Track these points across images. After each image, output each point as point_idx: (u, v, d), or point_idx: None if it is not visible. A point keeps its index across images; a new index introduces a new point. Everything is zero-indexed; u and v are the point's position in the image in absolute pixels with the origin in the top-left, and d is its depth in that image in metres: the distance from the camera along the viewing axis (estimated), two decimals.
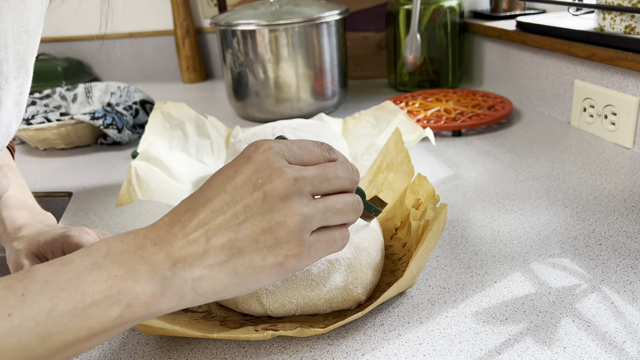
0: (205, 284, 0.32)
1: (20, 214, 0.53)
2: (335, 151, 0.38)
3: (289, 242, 0.33)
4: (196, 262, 0.32)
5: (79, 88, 1.13)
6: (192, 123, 0.84)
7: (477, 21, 1.11)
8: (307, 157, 0.36)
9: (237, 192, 0.33)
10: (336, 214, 0.35)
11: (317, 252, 0.35)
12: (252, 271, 0.33)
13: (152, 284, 0.31)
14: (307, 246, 0.33)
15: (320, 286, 0.43)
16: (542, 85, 0.93)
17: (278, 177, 0.33)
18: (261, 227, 0.32)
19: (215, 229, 0.32)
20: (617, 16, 0.74)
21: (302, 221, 0.33)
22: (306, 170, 0.34)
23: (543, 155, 0.75)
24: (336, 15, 0.96)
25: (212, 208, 0.33)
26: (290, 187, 0.33)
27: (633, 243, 0.52)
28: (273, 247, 0.32)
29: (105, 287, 0.30)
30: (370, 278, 0.45)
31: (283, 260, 0.33)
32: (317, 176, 0.35)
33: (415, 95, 1.02)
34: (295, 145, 0.36)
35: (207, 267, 0.32)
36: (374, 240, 0.47)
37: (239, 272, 0.33)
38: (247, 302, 0.44)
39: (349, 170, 0.37)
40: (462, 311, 0.44)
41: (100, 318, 0.29)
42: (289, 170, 0.34)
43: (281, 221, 0.32)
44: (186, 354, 0.42)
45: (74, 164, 0.89)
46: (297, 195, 0.33)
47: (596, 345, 0.39)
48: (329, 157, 0.37)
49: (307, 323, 0.43)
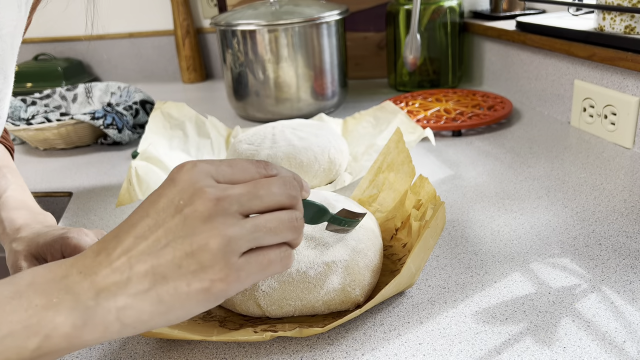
0: (130, 314, 0.30)
1: (19, 215, 0.53)
2: (274, 167, 0.36)
3: (213, 266, 0.30)
4: (120, 291, 0.30)
5: (79, 88, 1.13)
6: (192, 123, 0.85)
7: (477, 21, 1.11)
8: (238, 175, 0.34)
9: (159, 216, 0.31)
10: (268, 233, 0.33)
11: (250, 275, 0.32)
12: (178, 298, 0.31)
13: (73, 315, 0.29)
14: (235, 269, 0.31)
15: (317, 288, 0.43)
16: (542, 85, 0.93)
17: (199, 197, 0.31)
18: (183, 251, 0.30)
19: (137, 255, 0.31)
20: (617, 16, 0.74)
21: (226, 243, 0.31)
22: (232, 189, 0.32)
23: (543, 155, 0.75)
24: (336, 15, 0.96)
25: (135, 234, 0.31)
26: (212, 208, 0.31)
27: (633, 243, 0.52)
28: (197, 272, 0.30)
29: (25, 317, 0.28)
30: (368, 280, 0.45)
31: (209, 286, 0.31)
32: (245, 194, 0.32)
33: (415, 95, 1.03)
34: (225, 164, 0.34)
35: (131, 296, 0.30)
36: (371, 242, 0.47)
37: (164, 300, 0.31)
38: (244, 304, 0.43)
39: (286, 186, 0.34)
40: (462, 311, 0.44)
41: (17, 349, 0.28)
42: (211, 189, 0.32)
43: (203, 244, 0.30)
44: (186, 354, 0.42)
45: (74, 164, 0.89)
46: (221, 216, 0.31)
47: (596, 345, 0.39)
48: (265, 174, 0.35)
49: (306, 323, 0.43)
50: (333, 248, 0.45)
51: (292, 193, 0.35)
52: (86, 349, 0.44)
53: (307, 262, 0.43)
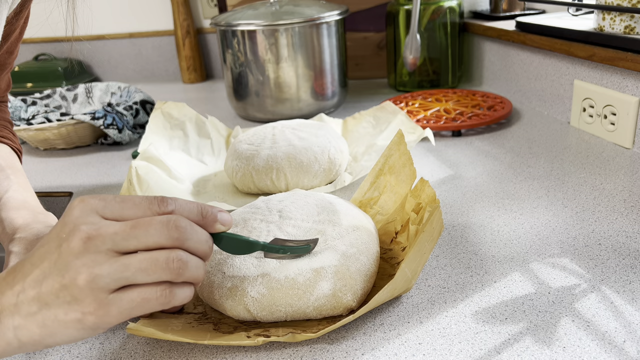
0: (24, 333, 0.34)
1: (20, 215, 0.53)
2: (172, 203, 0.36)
3: (83, 299, 0.33)
4: (16, 311, 0.33)
5: (79, 88, 1.13)
6: (192, 123, 0.85)
7: (477, 21, 1.11)
8: (127, 211, 0.35)
9: (48, 247, 0.34)
10: (140, 273, 0.34)
11: (122, 310, 0.34)
12: (58, 325, 0.34)
13: None
14: (104, 304, 0.33)
15: (307, 295, 0.42)
16: (542, 86, 0.93)
17: (73, 234, 0.33)
18: (59, 284, 0.33)
19: (30, 281, 0.34)
20: (617, 16, 0.74)
21: (91, 279, 0.33)
22: (107, 227, 0.34)
23: (543, 155, 0.75)
24: (336, 16, 0.97)
25: (32, 261, 0.34)
26: (81, 245, 0.33)
27: (632, 243, 0.52)
28: (72, 303, 0.33)
29: None
30: (360, 284, 0.44)
31: (81, 317, 0.33)
32: (119, 232, 0.34)
33: (415, 95, 1.03)
34: (116, 200, 0.35)
35: (23, 317, 0.33)
36: (364, 246, 0.46)
37: (47, 324, 0.33)
38: (235, 309, 0.43)
39: (168, 226, 0.35)
40: (461, 311, 0.45)
41: None
42: (86, 227, 0.33)
43: (72, 279, 0.33)
44: (186, 354, 0.42)
45: (74, 164, 0.89)
46: (92, 253, 0.33)
47: (596, 345, 0.39)
48: (158, 211, 0.36)
49: (300, 328, 0.43)
50: (322, 254, 0.44)
51: (174, 235, 0.35)
52: (86, 349, 0.44)
53: (295, 269, 0.43)
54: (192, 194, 0.71)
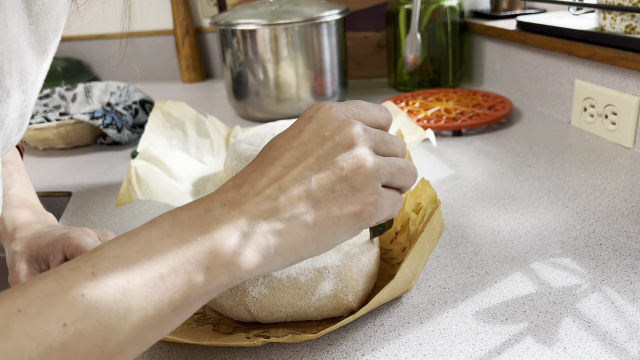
0: (285, 240, 0.31)
1: (21, 213, 0.53)
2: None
3: (364, 189, 0.32)
4: (272, 217, 0.31)
5: (78, 88, 1.13)
6: (192, 122, 0.84)
7: (478, 21, 1.11)
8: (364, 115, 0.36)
9: (306, 146, 0.33)
10: (400, 173, 0.35)
11: (387, 207, 0.34)
12: (330, 223, 0.32)
13: (230, 242, 0.29)
14: (381, 196, 0.33)
15: (308, 295, 0.42)
16: (543, 85, 0.93)
17: (347, 126, 0.33)
18: (336, 176, 0.32)
19: (288, 182, 0.32)
20: (618, 16, 0.74)
21: (376, 168, 0.33)
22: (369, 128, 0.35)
23: (543, 155, 0.75)
24: (336, 15, 0.96)
25: (281, 164, 0.33)
26: (361, 135, 0.33)
27: (633, 243, 0.52)
28: (349, 195, 0.32)
29: (180, 253, 0.28)
30: (361, 285, 0.44)
31: (361, 209, 0.32)
32: (378, 134, 0.35)
33: (416, 95, 1.02)
34: (353, 105, 0.36)
35: (285, 221, 0.31)
36: (365, 246, 0.46)
37: (318, 223, 0.32)
38: (235, 310, 0.43)
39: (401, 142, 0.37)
40: (462, 311, 0.44)
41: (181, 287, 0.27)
42: (356, 122, 0.34)
43: (356, 167, 0.32)
44: (186, 354, 0.42)
45: (73, 163, 0.89)
46: (367, 145, 0.33)
47: (597, 346, 0.39)
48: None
49: (300, 328, 0.43)
50: (325, 254, 0.44)
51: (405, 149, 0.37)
52: None
53: (297, 268, 0.43)
54: (191, 193, 0.71)
